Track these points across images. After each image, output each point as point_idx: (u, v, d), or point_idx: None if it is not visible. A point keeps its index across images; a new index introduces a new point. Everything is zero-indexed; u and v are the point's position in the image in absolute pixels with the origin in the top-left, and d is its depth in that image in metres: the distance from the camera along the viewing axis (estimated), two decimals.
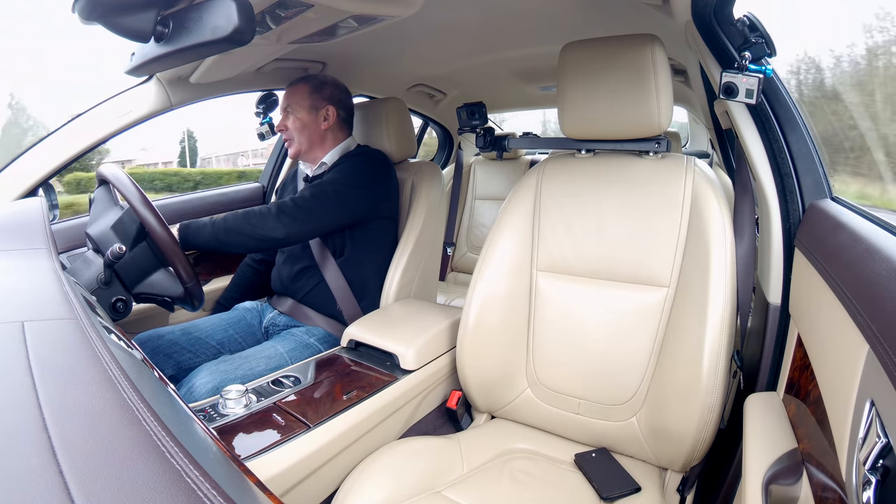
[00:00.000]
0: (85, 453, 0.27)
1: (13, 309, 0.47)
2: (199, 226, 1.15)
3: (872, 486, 0.41)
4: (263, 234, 1.15)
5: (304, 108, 1.34)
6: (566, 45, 1.03)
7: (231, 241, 1.15)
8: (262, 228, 1.15)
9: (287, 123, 1.35)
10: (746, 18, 0.81)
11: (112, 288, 0.93)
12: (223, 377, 1.04)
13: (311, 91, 1.34)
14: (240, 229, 1.14)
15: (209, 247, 1.15)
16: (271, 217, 1.17)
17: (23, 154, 1.19)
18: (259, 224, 1.15)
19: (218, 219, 1.16)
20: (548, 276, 1.08)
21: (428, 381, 1.09)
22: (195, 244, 1.14)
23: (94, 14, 0.62)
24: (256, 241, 1.16)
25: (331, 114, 1.36)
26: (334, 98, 1.37)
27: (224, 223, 1.15)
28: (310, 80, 1.36)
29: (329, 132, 1.37)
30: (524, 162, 2.63)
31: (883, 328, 0.45)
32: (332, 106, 1.36)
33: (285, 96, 1.36)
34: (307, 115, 1.34)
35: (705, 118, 2.07)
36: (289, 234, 1.17)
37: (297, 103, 1.34)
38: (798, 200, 0.86)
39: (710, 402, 0.84)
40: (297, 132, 1.34)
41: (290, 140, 1.36)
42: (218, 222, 1.15)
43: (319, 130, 1.35)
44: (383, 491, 0.84)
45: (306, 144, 1.35)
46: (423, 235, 1.40)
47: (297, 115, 1.33)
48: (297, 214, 1.18)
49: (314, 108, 1.34)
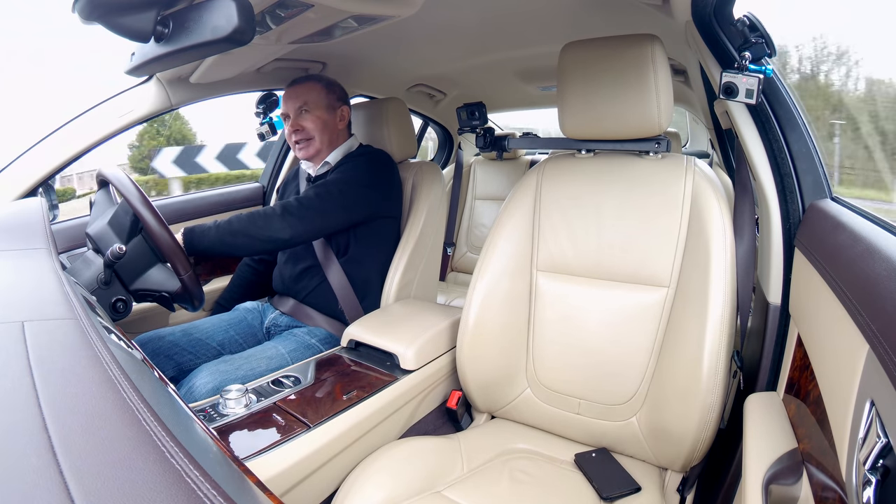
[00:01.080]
0: (85, 453, 0.27)
1: (13, 309, 0.47)
2: (203, 230, 1.13)
3: (872, 486, 0.41)
4: (269, 235, 1.15)
5: (322, 106, 1.32)
6: (566, 45, 1.03)
7: (237, 244, 1.14)
8: (268, 230, 1.15)
9: (304, 123, 1.31)
10: (746, 18, 0.81)
11: (112, 288, 0.93)
12: (223, 377, 1.04)
13: (327, 90, 1.34)
14: (245, 231, 1.14)
15: (215, 250, 1.13)
16: (277, 218, 1.16)
17: (23, 154, 1.19)
18: (265, 226, 1.15)
19: (222, 222, 1.15)
20: (548, 276, 1.08)
21: (428, 381, 1.09)
22: (200, 248, 1.12)
23: (94, 14, 0.62)
24: (262, 242, 1.15)
25: (345, 114, 1.36)
26: (344, 98, 1.38)
27: (229, 226, 1.14)
28: (321, 80, 1.35)
29: (340, 133, 1.37)
30: (524, 162, 2.64)
31: (883, 328, 0.45)
32: (346, 106, 1.37)
33: (298, 95, 1.32)
34: (326, 114, 1.32)
35: (705, 118, 2.07)
36: (294, 234, 1.17)
37: (315, 102, 1.31)
38: (798, 200, 0.86)
39: (710, 402, 0.84)
40: (317, 132, 1.31)
41: (307, 140, 1.32)
42: (223, 225, 1.14)
43: (337, 129, 1.35)
44: (383, 491, 0.84)
45: (326, 143, 1.34)
46: (424, 235, 1.40)
47: (317, 114, 1.31)
48: (302, 214, 1.18)
49: (331, 108, 1.33)
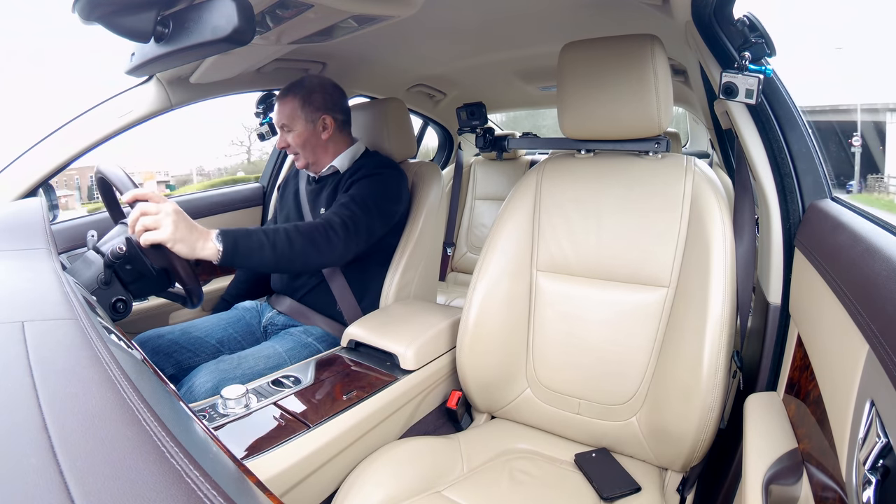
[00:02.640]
0: (85, 453, 0.27)
1: (13, 309, 0.47)
2: (250, 247, 0.98)
3: (872, 486, 0.41)
4: (330, 259, 1.11)
5: (299, 122, 1.29)
6: (566, 45, 1.03)
7: (292, 268, 1.10)
8: (331, 254, 1.10)
9: (288, 140, 1.30)
10: (746, 18, 0.81)
11: (112, 288, 0.93)
12: (222, 377, 1.04)
13: (302, 104, 1.29)
14: (304, 254, 1.05)
15: (263, 270, 1.08)
16: (340, 241, 1.10)
17: (23, 154, 1.19)
18: (326, 249, 1.09)
19: (280, 242, 1.02)
20: (548, 276, 1.08)
21: (428, 381, 1.09)
22: (245, 266, 1.03)
23: (94, 14, 0.62)
24: (320, 265, 1.12)
25: (328, 123, 1.31)
26: (328, 105, 1.32)
27: (290, 249, 1.02)
28: (298, 92, 1.29)
29: (331, 141, 1.33)
30: (524, 162, 2.64)
31: (883, 328, 0.45)
32: (327, 114, 1.31)
33: (279, 113, 1.30)
34: (305, 129, 1.29)
35: (705, 118, 2.07)
36: (348, 254, 1.14)
37: (292, 119, 1.29)
38: (798, 200, 0.86)
39: (710, 402, 0.84)
40: (300, 148, 1.30)
41: (295, 155, 1.33)
42: (281, 247, 1.01)
43: (321, 141, 1.32)
44: (383, 491, 0.84)
45: (312, 156, 1.33)
46: (423, 235, 1.40)
47: (297, 131, 1.29)
48: (359, 233, 1.15)
49: (310, 121, 1.30)
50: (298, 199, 1.42)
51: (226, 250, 0.94)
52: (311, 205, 1.38)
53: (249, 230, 1.00)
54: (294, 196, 1.43)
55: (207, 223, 1.64)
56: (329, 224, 1.11)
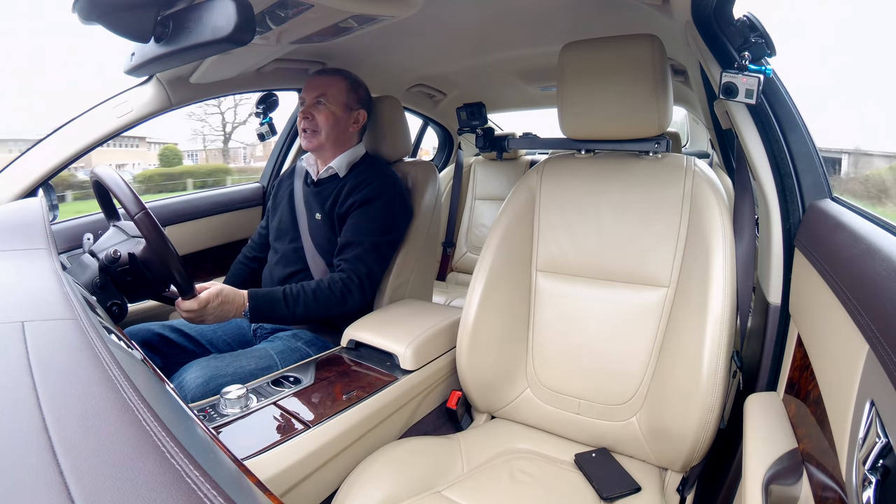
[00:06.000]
0: (85, 453, 0.27)
1: (13, 309, 0.47)
2: (273, 317, 1.14)
3: (872, 486, 0.41)
4: (348, 309, 1.21)
5: (339, 103, 1.29)
6: (566, 45, 1.03)
7: (310, 319, 1.19)
8: (347, 305, 1.20)
9: (315, 113, 1.28)
10: (746, 18, 0.81)
11: (107, 291, 0.93)
12: (214, 373, 1.03)
13: (349, 89, 1.30)
14: (321, 314, 1.18)
15: (283, 323, 1.20)
16: (356, 295, 1.21)
17: (23, 154, 1.19)
18: (342, 302, 1.19)
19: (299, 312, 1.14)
20: (547, 276, 1.07)
21: (428, 381, 1.09)
22: (267, 319, 1.15)
23: (93, 14, 0.62)
24: (339, 314, 1.21)
25: (361, 118, 1.33)
26: (366, 102, 1.35)
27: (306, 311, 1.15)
28: (348, 77, 1.31)
29: (352, 136, 1.34)
30: (524, 162, 2.64)
31: (883, 328, 0.45)
32: (364, 110, 1.34)
33: (318, 85, 1.29)
34: (341, 112, 1.29)
35: (705, 118, 2.07)
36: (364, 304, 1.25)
37: (334, 97, 1.28)
38: (798, 200, 0.86)
39: (710, 402, 0.84)
40: (325, 126, 1.28)
41: (311, 131, 1.29)
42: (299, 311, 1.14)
43: (347, 131, 1.32)
44: (383, 491, 0.84)
45: (330, 141, 1.30)
46: (417, 236, 1.39)
47: (331, 109, 1.28)
48: (372, 273, 1.24)
49: (349, 108, 1.30)
50: (293, 200, 1.39)
51: (251, 302, 1.11)
52: (306, 207, 1.35)
53: (274, 301, 1.13)
54: (289, 197, 1.41)
55: (207, 223, 1.65)
56: (346, 287, 1.20)
